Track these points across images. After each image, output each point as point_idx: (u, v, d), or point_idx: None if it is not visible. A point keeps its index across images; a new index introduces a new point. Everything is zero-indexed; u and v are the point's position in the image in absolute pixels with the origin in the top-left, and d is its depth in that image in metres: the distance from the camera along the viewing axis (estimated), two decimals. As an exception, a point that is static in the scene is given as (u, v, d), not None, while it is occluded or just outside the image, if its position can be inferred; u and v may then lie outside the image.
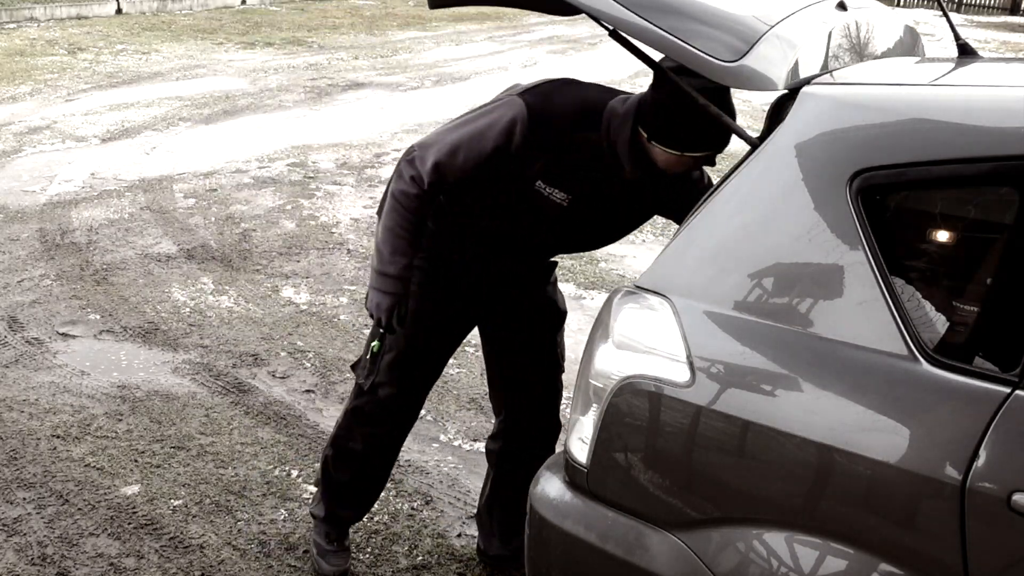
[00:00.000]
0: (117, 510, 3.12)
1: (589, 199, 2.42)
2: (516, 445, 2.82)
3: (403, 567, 2.94)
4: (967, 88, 1.99)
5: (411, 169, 2.39)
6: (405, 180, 2.41)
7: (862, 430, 1.62)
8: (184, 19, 14.58)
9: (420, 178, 2.38)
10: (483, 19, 16.01)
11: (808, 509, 1.69)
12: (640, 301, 1.88)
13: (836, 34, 2.06)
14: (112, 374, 4.03)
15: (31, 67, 10.42)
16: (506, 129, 2.33)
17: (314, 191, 6.63)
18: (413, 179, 2.39)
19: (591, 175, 2.39)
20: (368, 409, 2.69)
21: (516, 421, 2.81)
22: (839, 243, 1.71)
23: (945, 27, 11.04)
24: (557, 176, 2.38)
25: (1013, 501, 1.49)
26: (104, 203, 6.20)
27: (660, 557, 1.81)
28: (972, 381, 1.58)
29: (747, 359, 1.75)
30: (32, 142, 7.59)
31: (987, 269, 1.72)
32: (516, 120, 2.33)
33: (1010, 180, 1.67)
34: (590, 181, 2.40)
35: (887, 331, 1.64)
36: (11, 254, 5.28)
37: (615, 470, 1.88)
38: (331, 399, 3.91)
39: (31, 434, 3.53)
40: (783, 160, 1.81)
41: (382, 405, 2.68)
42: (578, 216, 2.44)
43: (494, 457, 2.90)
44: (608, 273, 5.37)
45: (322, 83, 10.20)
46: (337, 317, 4.67)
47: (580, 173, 2.38)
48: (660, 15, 1.94)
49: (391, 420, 2.73)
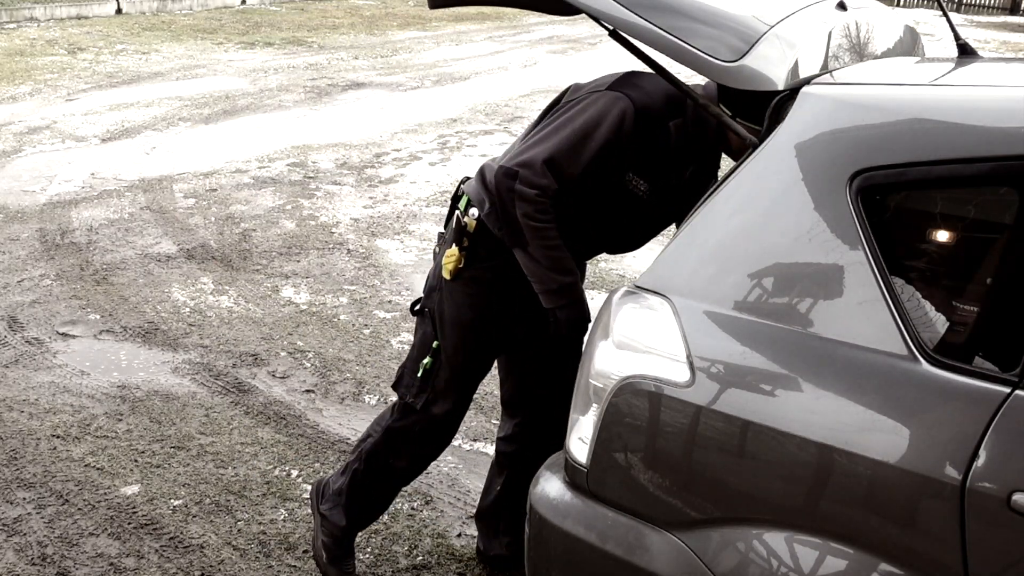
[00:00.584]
0: (117, 510, 3.12)
1: (662, 190, 2.42)
2: (535, 451, 2.70)
3: (403, 567, 2.94)
4: (967, 88, 1.99)
5: (526, 186, 2.30)
6: (529, 199, 2.30)
7: (862, 430, 1.62)
8: (184, 19, 14.57)
9: (541, 186, 2.30)
10: (483, 19, 16.01)
11: (808, 509, 1.69)
12: (640, 301, 1.88)
13: (836, 34, 2.06)
14: (112, 374, 4.03)
15: (31, 67, 10.42)
16: (616, 123, 2.30)
17: (314, 191, 6.62)
18: (537, 194, 2.30)
19: (673, 163, 2.40)
20: (419, 428, 2.62)
21: (540, 425, 2.73)
22: (839, 243, 1.71)
23: (945, 27, 11.08)
24: (646, 166, 2.37)
25: (1013, 501, 1.49)
26: (104, 203, 6.20)
27: (660, 557, 1.81)
28: (972, 381, 1.58)
29: (747, 359, 1.75)
30: (32, 142, 7.59)
31: (987, 269, 1.72)
32: (624, 112, 2.30)
33: (1010, 180, 1.67)
34: (671, 170, 2.40)
35: (887, 331, 1.64)
36: (11, 254, 5.28)
37: (615, 470, 1.88)
38: (331, 399, 3.91)
39: (31, 434, 3.53)
40: (783, 160, 1.81)
41: (435, 423, 2.61)
42: (648, 208, 2.44)
43: (508, 460, 2.83)
44: (608, 273, 5.37)
45: (322, 83, 10.19)
46: (337, 317, 4.67)
47: (665, 162, 2.39)
48: (660, 15, 1.94)
49: (441, 437, 2.66)
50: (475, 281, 2.49)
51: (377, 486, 2.73)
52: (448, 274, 2.49)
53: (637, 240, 2.60)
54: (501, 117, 9.09)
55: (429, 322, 2.56)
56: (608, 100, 2.32)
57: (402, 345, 4.38)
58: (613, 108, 2.31)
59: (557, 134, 2.33)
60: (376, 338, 4.46)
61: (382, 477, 2.71)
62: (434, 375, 2.55)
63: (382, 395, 3.94)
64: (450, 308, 2.52)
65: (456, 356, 2.54)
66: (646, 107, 2.33)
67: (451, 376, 2.56)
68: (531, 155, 2.32)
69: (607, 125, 2.31)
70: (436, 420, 2.60)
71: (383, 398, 3.92)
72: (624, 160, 2.36)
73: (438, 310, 2.54)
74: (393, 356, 4.28)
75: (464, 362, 2.56)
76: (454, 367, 2.55)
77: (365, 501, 2.76)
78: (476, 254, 2.48)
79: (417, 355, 2.58)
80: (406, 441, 2.65)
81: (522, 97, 9.95)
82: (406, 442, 2.65)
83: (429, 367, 2.54)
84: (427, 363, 2.54)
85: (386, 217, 6.15)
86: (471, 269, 2.49)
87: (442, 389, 2.56)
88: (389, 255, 5.53)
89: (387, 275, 5.23)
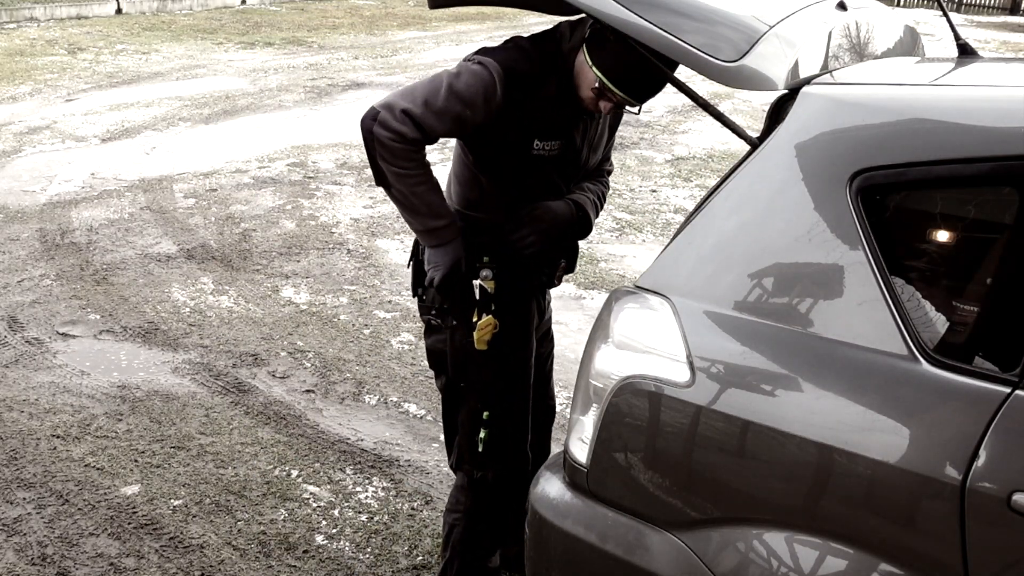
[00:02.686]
0: (117, 510, 3.12)
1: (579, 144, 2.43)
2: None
3: (403, 567, 2.94)
4: (967, 88, 1.99)
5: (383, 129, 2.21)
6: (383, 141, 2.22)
7: (862, 430, 1.62)
8: (184, 19, 14.57)
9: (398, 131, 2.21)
10: (483, 19, 16.01)
11: (808, 509, 1.68)
12: (640, 301, 1.88)
13: (836, 34, 2.06)
14: (112, 374, 4.03)
15: (31, 67, 10.42)
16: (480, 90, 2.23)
17: (314, 191, 6.62)
18: (391, 138, 2.21)
19: (570, 117, 2.38)
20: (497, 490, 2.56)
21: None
22: (839, 243, 1.71)
23: (945, 27, 11.07)
24: (544, 127, 2.34)
25: (1013, 501, 1.49)
26: (104, 203, 6.20)
27: (660, 557, 1.81)
28: (972, 381, 1.58)
29: (747, 359, 1.75)
30: (32, 142, 7.59)
31: (987, 269, 1.72)
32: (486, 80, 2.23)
33: (1010, 180, 1.67)
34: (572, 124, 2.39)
35: (887, 331, 1.64)
36: (11, 254, 5.28)
37: (615, 470, 1.88)
38: (331, 399, 3.91)
39: (31, 434, 3.53)
40: (783, 160, 1.81)
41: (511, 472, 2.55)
42: (572, 161, 2.44)
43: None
44: (608, 273, 5.37)
45: (322, 83, 10.19)
46: (337, 317, 4.67)
47: (561, 118, 2.36)
48: (659, 14, 1.94)
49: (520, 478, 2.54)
50: (508, 333, 2.44)
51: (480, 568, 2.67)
52: (485, 345, 2.42)
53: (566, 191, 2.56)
54: (501, 117, 9.08)
55: (473, 397, 2.49)
56: (475, 70, 2.26)
57: (402, 345, 4.39)
58: (478, 76, 2.25)
59: (423, 88, 2.26)
60: (376, 338, 4.46)
61: (482, 556, 2.65)
62: (497, 440, 2.50)
63: (382, 395, 3.95)
64: (492, 373, 2.46)
65: (511, 411, 2.50)
66: (513, 69, 2.27)
67: (512, 431, 2.52)
68: (393, 100, 2.25)
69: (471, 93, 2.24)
70: (511, 474, 2.56)
71: (383, 398, 3.92)
72: (521, 128, 2.32)
73: (480, 381, 2.47)
74: (393, 356, 4.28)
75: (520, 411, 2.52)
76: (513, 421, 2.51)
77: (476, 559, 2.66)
78: (506, 308, 2.44)
79: (470, 431, 2.51)
80: (492, 512, 2.60)
81: (522, 97, 9.94)
82: (492, 513, 2.60)
83: (488, 438, 2.48)
84: (484, 435, 2.48)
85: (386, 217, 6.15)
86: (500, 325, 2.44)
87: (510, 447, 2.52)
88: (389, 255, 5.53)
89: (387, 275, 5.23)
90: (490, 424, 2.47)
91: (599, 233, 6.01)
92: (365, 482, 3.35)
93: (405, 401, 3.91)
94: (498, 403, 2.47)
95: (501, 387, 2.47)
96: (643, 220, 6.32)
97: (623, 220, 6.30)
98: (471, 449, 2.51)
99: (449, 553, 2.64)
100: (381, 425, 3.73)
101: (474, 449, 2.50)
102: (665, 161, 7.82)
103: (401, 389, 4.00)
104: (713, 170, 7.55)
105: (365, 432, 3.67)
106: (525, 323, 2.51)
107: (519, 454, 2.56)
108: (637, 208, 6.56)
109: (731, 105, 9.75)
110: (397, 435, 3.67)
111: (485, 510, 2.59)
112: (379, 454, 3.52)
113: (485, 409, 2.47)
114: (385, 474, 3.40)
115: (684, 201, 6.73)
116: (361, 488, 3.32)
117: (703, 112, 2.87)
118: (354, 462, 3.46)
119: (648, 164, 7.70)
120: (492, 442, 2.48)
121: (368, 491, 3.30)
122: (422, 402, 3.91)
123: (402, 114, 2.22)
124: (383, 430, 3.70)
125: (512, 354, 2.47)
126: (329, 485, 3.32)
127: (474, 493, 2.57)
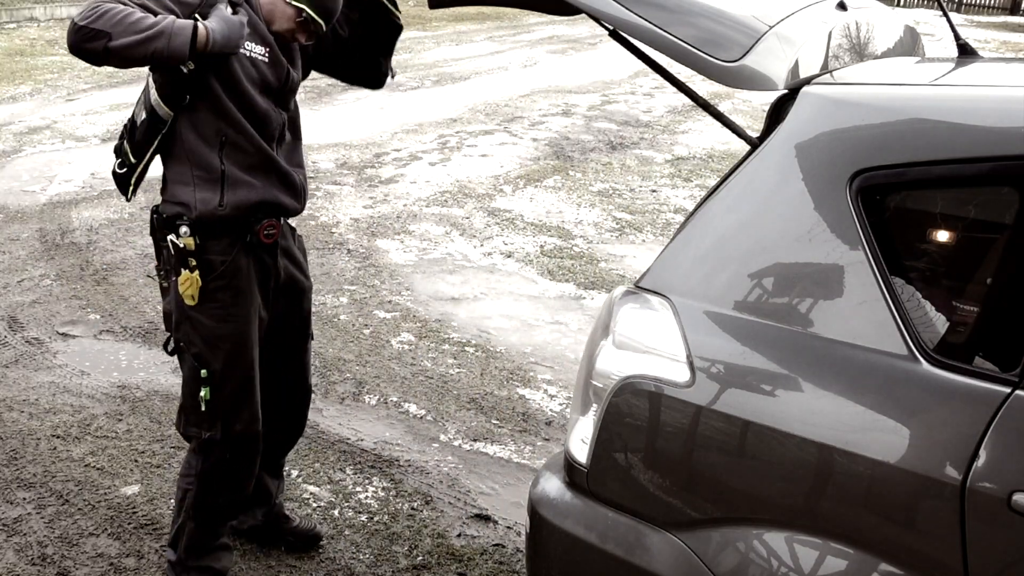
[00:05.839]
0: (117, 510, 3.12)
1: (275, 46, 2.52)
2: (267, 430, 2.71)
3: (403, 567, 2.94)
4: (967, 88, 1.99)
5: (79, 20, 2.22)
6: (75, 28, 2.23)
7: (862, 430, 1.62)
8: (184, 19, 14.56)
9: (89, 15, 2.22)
10: (483, 19, 16.01)
11: (808, 509, 1.69)
12: (640, 301, 1.88)
13: (836, 34, 2.06)
14: (112, 374, 4.03)
15: (31, 67, 10.42)
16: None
17: (314, 191, 6.62)
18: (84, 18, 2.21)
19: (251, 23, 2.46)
20: (229, 456, 2.60)
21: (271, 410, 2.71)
22: (839, 243, 1.71)
23: (945, 27, 11.08)
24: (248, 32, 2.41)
25: (1013, 501, 1.49)
26: (104, 203, 6.20)
27: (660, 557, 1.81)
28: (972, 381, 1.58)
29: (747, 359, 1.75)
30: (32, 142, 7.59)
31: (987, 269, 1.72)
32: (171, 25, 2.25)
33: (1010, 180, 1.67)
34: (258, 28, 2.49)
35: (887, 331, 1.64)
36: (11, 254, 5.28)
37: (615, 470, 1.88)
38: (331, 399, 3.91)
39: (31, 434, 3.53)
40: (783, 160, 1.81)
41: (241, 440, 2.59)
42: (281, 65, 2.53)
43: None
44: (608, 273, 5.37)
45: (322, 83, 10.19)
46: (337, 317, 4.67)
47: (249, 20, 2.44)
48: (660, 14, 1.94)
49: (252, 451, 2.63)
50: (219, 291, 2.49)
51: (213, 532, 2.70)
52: (192, 300, 2.48)
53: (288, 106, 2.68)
54: (501, 117, 9.09)
55: (190, 355, 2.54)
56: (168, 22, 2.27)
57: (402, 345, 4.39)
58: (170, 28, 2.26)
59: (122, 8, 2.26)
60: (376, 338, 4.46)
61: (215, 521, 2.68)
62: (219, 400, 2.54)
63: (382, 395, 3.95)
64: (206, 330, 2.51)
65: (231, 370, 2.53)
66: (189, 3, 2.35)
67: (234, 391, 2.55)
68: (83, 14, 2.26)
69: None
70: (241, 438, 2.59)
71: (383, 398, 3.92)
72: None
73: (194, 339, 2.52)
74: (393, 356, 4.28)
75: (242, 372, 2.56)
76: (233, 381, 2.55)
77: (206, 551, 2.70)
78: (210, 265, 2.48)
79: (191, 391, 2.56)
80: (223, 475, 2.62)
81: (522, 97, 9.95)
82: (223, 476, 2.62)
83: (209, 396, 2.52)
84: (205, 394, 2.52)
85: (386, 217, 6.16)
86: (209, 283, 2.48)
87: (231, 407, 2.56)
88: (389, 255, 5.53)
89: (387, 275, 5.23)
90: (209, 382, 2.52)
91: (599, 233, 6.02)
92: (365, 482, 3.35)
93: (405, 401, 3.91)
94: (214, 361, 2.51)
95: (217, 346, 2.50)
96: (643, 220, 6.32)
97: (623, 220, 6.30)
98: (194, 409, 2.57)
99: (183, 517, 2.67)
100: (381, 425, 3.74)
101: (197, 408, 2.56)
102: (665, 161, 7.83)
103: (401, 389, 4.01)
104: (713, 170, 7.56)
105: (365, 432, 3.67)
106: (235, 281, 2.51)
107: (247, 416, 2.58)
108: (637, 208, 6.57)
109: (731, 105, 9.75)
110: (397, 435, 3.67)
111: (217, 473, 2.62)
112: (379, 454, 3.52)
113: (202, 368, 2.52)
114: (385, 474, 3.40)
115: (684, 201, 6.73)
116: (361, 488, 3.32)
117: (703, 112, 2.87)
118: (354, 462, 3.46)
119: (648, 164, 7.71)
120: (213, 401, 2.54)
121: (368, 491, 3.30)
122: (422, 402, 3.91)
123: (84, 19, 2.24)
124: (383, 430, 3.70)
125: (225, 312, 2.51)
126: (329, 485, 3.32)
127: (204, 455, 2.61)
